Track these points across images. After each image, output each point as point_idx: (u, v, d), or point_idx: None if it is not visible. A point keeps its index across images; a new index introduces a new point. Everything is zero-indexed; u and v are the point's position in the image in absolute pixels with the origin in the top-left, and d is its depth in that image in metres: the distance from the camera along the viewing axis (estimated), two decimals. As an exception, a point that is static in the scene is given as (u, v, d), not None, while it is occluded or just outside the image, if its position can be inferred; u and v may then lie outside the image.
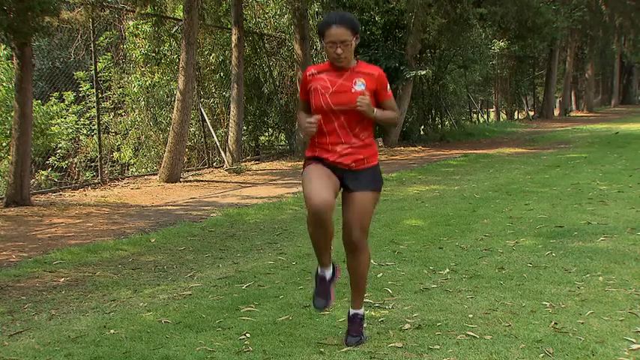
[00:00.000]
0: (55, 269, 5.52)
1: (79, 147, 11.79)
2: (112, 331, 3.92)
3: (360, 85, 3.54)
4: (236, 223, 7.55)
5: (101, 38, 12.32)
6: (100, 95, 11.46)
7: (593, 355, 3.35)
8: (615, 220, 6.73)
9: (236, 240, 6.63)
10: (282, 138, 17.54)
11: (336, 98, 3.54)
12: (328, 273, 3.70)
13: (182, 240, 6.66)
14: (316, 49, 16.66)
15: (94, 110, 11.19)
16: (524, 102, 32.37)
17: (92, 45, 11.10)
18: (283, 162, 14.41)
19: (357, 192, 3.59)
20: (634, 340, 3.51)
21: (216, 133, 13.85)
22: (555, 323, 3.80)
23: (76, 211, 8.45)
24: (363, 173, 3.60)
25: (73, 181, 10.97)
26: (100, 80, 11.94)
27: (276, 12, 16.49)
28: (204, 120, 13.80)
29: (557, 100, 34.46)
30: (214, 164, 13.71)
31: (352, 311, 3.72)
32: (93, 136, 11.52)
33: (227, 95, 14.34)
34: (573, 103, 37.57)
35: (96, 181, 10.90)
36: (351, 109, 3.52)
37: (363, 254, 3.66)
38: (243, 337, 3.75)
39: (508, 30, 18.97)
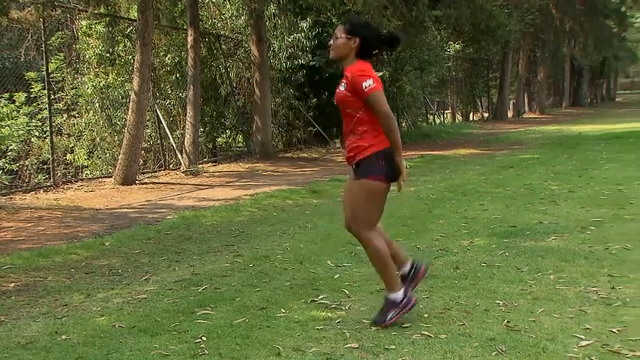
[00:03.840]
0: (4, 274, 5.37)
1: (31, 149, 11.52)
2: (63, 336, 3.85)
3: (342, 86, 3.84)
4: (192, 225, 7.48)
5: (53, 38, 12.07)
6: (52, 96, 11.22)
7: (543, 352, 3.42)
8: (566, 219, 6.89)
9: (192, 243, 6.57)
10: (240, 139, 17.45)
11: (335, 96, 3.95)
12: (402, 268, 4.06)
13: (137, 243, 6.57)
14: (273, 51, 16.64)
15: (47, 112, 10.95)
16: (479, 104, 32.91)
17: (43, 45, 10.86)
18: (241, 164, 14.34)
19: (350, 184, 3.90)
20: (583, 337, 3.59)
21: (172, 135, 13.70)
22: (508, 321, 3.87)
23: (27, 215, 8.25)
24: (357, 167, 3.82)
25: (24, 184, 10.71)
26: (53, 81, 11.69)
27: (232, 13, 16.40)
28: (160, 121, 13.64)
29: (511, 102, 35.14)
30: (171, 166, 13.56)
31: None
32: (45, 138, 11.27)
33: (183, 96, 14.21)
34: (526, 104, 38.36)
35: (48, 183, 10.67)
36: (341, 106, 3.88)
37: (365, 246, 3.88)
38: (199, 340, 3.72)
39: (462, 32, 19.30)
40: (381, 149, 3.77)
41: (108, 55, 13.41)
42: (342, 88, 3.84)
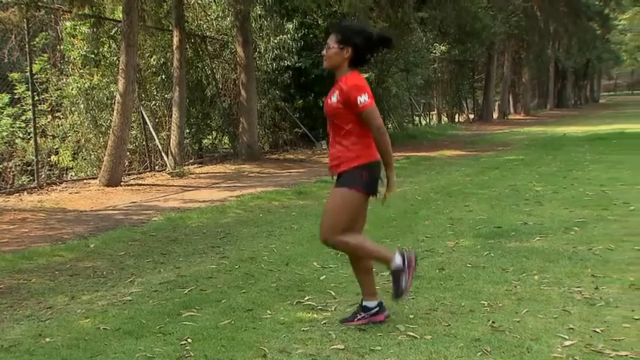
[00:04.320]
0: (-12, 277, 5.33)
1: (15, 150, 11.42)
2: (47, 339, 3.82)
3: (334, 97, 3.77)
4: (178, 227, 7.45)
5: (37, 39, 11.98)
6: (36, 97, 11.14)
7: (528, 352, 3.45)
8: (550, 220, 6.94)
9: (178, 244, 6.55)
10: (226, 141, 17.42)
11: (325, 106, 3.88)
12: (365, 301, 3.98)
13: (122, 245, 6.53)
14: (259, 52, 16.63)
15: (31, 113, 10.86)
16: (465, 105, 33.08)
17: (27, 46, 10.78)
18: (227, 165, 14.31)
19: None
20: (567, 337, 3.62)
21: (158, 136, 13.64)
22: (493, 322, 3.89)
23: (11, 217, 8.18)
24: (341, 177, 3.81)
25: (8, 186, 10.62)
26: (37, 82, 11.60)
27: (218, 14, 16.37)
28: (146, 123, 13.58)
29: (496, 104, 35.34)
30: (156, 168, 13.51)
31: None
32: (29, 139, 11.18)
33: (169, 98, 14.16)
34: (511, 106, 38.59)
35: (32, 185, 10.59)
36: (330, 117, 3.84)
37: (343, 249, 3.88)
38: (185, 342, 3.71)
39: (448, 34, 19.41)
40: (366, 162, 3.75)
41: (93, 56, 13.34)
42: (333, 99, 3.77)
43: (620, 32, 55.69)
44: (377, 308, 3.94)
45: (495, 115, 33.76)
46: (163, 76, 14.60)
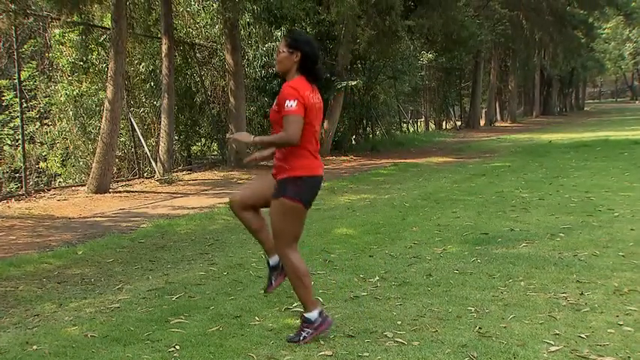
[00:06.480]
0: (-25, 285, 5.31)
1: (3, 157, 11.39)
2: (34, 347, 3.81)
3: (275, 101, 3.79)
4: (167, 234, 7.45)
5: (25, 46, 11.96)
6: (24, 104, 11.10)
7: (514, 357, 3.48)
8: (536, 226, 7.00)
9: (166, 251, 6.55)
10: (215, 148, 17.42)
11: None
12: (271, 260, 4.10)
13: (110, 252, 6.52)
14: (248, 59, 16.66)
15: (19, 120, 10.83)
16: (452, 112, 33.25)
17: (15, 53, 10.76)
18: (215, 172, 14.30)
19: None
20: (552, 343, 3.66)
21: (146, 143, 13.63)
22: (480, 328, 3.92)
23: (-2, 224, 8.15)
24: (276, 184, 3.82)
25: (-5, 193, 10.58)
26: (25, 89, 11.57)
27: (207, 22, 16.40)
28: (135, 130, 13.57)
29: (483, 111, 35.55)
30: (145, 175, 13.48)
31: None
32: (18, 146, 11.14)
33: (158, 105, 14.15)
34: (498, 113, 38.82)
35: (20, 192, 10.54)
36: (272, 124, 3.88)
37: (283, 261, 3.87)
38: (173, 349, 3.71)
39: (435, 42, 19.49)
40: (299, 175, 3.73)
41: (81, 63, 13.33)
42: (274, 104, 3.79)
43: (604, 41, 56.18)
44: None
45: (482, 123, 33.94)
46: (152, 83, 14.60)
